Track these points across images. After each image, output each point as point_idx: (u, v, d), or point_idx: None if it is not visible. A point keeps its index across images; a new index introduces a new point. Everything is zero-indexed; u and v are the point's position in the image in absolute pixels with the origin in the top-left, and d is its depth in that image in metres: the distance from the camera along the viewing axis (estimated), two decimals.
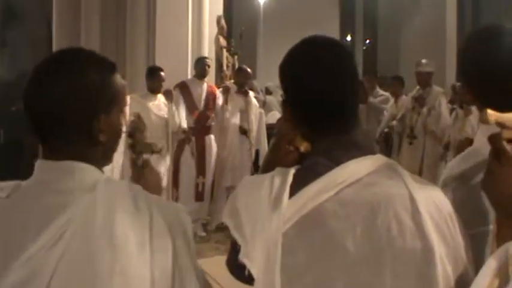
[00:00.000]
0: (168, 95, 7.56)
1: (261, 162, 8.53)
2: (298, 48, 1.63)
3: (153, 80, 7.54)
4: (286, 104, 1.64)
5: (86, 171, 1.47)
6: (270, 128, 9.24)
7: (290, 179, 1.46)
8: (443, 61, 14.73)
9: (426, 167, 7.76)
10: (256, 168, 8.41)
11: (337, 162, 1.46)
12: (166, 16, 9.05)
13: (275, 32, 20.97)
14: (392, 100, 8.99)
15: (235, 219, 1.49)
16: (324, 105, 1.54)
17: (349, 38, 26.37)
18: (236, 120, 8.32)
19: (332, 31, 24.85)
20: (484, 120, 1.41)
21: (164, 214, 1.46)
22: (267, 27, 20.35)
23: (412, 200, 1.40)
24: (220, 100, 8.16)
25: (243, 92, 8.37)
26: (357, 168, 1.45)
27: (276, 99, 14.10)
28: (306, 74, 1.55)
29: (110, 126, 1.51)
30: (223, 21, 9.97)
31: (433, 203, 1.43)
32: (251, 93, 8.64)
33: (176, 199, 7.66)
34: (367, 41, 26.72)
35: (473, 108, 7.25)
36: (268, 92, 14.56)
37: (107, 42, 9.45)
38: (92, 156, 1.50)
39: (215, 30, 9.93)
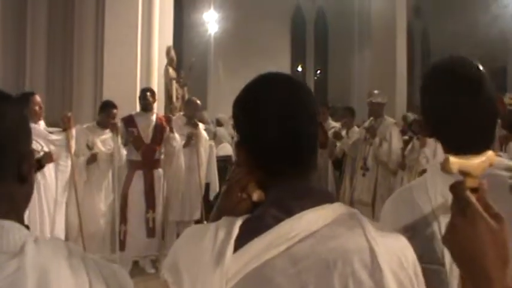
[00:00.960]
0: (113, 128, 7.31)
1: (211, 196, 8.45)
2: (252, 85, 1.50)
3: (105, 115, 7.35)
4: (239, 146, 1.50)
5: (10, 231, 1.27)
6: (220, 160, 9.09)
7: (236, 230, 1.30)
8: (393, 92, 14.90)
9: (379, 197, 7.70)
10: (206, 202, 8.22)
11: (289, 212, 1.31)
12: (114, 46, 8.88)
13: (226, 63, 21.01)
14: (343, 131, 8.95)
15: (174, 274, 1.33)
16: (279, 146, 1.40)
17: (299, 68, 26.54)
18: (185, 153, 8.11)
19: (283, 62, 25.07)
20: (446, 168, 1.25)
21: (104, 278, 1.31)
22: (218, 58, 20.35)
23: (373, 254, 1.26)
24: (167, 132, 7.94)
25: (192, 124, 8.18)
26: (313, 219, 1.30)
27: (227, 131, 14.01)
28: (260, 112, 1.42)
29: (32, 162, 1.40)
30: (173, 52, 9.82)
31: (396, 257, 1.30)
32: (201, 125, 8.47)
33: (124, 235, 7.39)
34: (318, 72, 26.95)
35: (429, 139, 7.28)
36: (219, 123, 14.45)
37: (53, 72, 9.22)
38: (17, 201, 1.35)
39: (164, 61, 9.78)
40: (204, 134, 8.52)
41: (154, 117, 7.80)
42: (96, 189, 7.42)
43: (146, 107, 7.75)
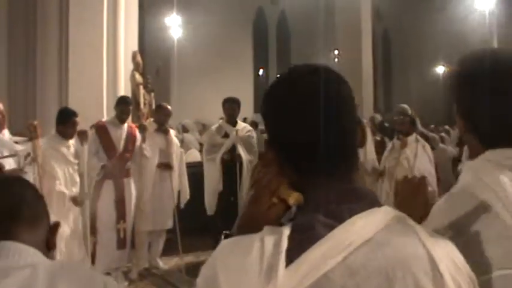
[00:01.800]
0: (82, 136, 6.99)
1: (182, 204, 8.24)
2: (287, 77, 1.36)
3: (66, 125, 6.81)
4: (269, 145, 1.35)
5: (24, 252, 1.55)
6: (189, 166, 8.88)
7: (285, 241, 1.15)
8: (360, 94, 14.93)
9: None
10: (179, 211, 8.01)
11: (339, 218, 1.17)
12: (79, 51, 8.65)
13: (189, 67, 20.80)
14: None
15: None
16: (319, 144, 1.26)
17: (261, 72, 26.52)
18: (156, 160, 7.88)
19: (246, 65, 25.01)
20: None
21: None
22: (181, 63, 20.11)
23: (432, 261, 1.15)
24: (139, 141, 7.69)
25: (163, 130, 7.96)
26: (365, 225, 1.17)
27: (193, 137, 13.84)
28: (299, 106, 1.28)
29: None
30: (139, 57, 9.59)
31: (453, 262, 1.20)
32: (172, 132, 8.26)
33: (94, 246, 7.13)
34: (278, 76, 26.89)
35: (410, 139, 7.21)
36: (184, 129, 14.29)
37: (15, 79, 8.91)
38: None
39: (130, 66, 9.54)
40: (176, 140, 8.31)
41: (125, 126, 7.57)
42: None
43: (124, 120, 7.52)
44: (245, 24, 24.95)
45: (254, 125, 13.75)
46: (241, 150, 8.10)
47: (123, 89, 9.19)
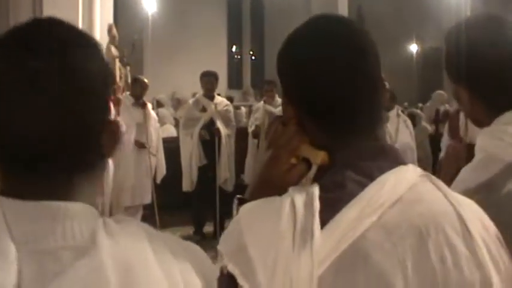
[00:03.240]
0: None
1: (158, 179, 8.18)
2: (311, 28, 1.26)
3: None
4: (287, 102, 1.27)
5: (77, 217, 0.95)
6: (165, 141, 8.81)
7: (317, 202, 1.08)
8: None
9: None
10: (155, 187, 7.95)
11: (369, 176, 1.12)
12: None
13: (163, 42, 20.59)
14: None
15: (242, 263, 1.07)
16: (347, 99, 1.19)
17: (234, 48, 26.41)
18: (132, 135, 7.77)
19: (220, 41, 24.87)
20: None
21: (198, 270, 1.04)
22: (155, 38, 19.88)
23: (461, 218, 1.12)
24: (113, 115, 7.57)
25: (140, 104, 7.86)
26: (397, 183, 1.12)
27: (168, 112, 13.72)
28: (322, 53, 1.20)
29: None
30: (114, 30, 9.42)
31: (480, 221, 1.17)
32: (149, 105, 8.16)
33: None
34: (251, 52, 26.91)
35: (392, 114, 7.20)
36: (159, 104, 14.15)
37: None
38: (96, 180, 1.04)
39: (106, 39, 9.37)
40: (153, 114, 8.23)
41: None
42: None
43: None
44: (219, 1, 24.76)
45: (229, 100, 13.68)
46: (219, 125, 8.05)
47: None
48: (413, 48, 26.42)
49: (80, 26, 8.25)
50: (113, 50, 9.40)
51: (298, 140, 1.23)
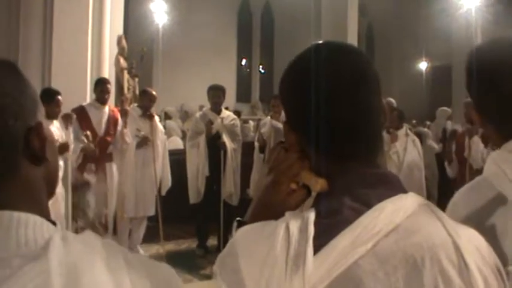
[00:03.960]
0: (66, 119, 6.88)
1: (164, 191, 8.17)
2: (313, 55, 1.26)
3: (50, 105, 6.65)
4: (289, 127, 1.28)
5: (28, 226, 0.96)
6: (171, 154, 8.81)
7: (312, 227, 1.09)
8: None
9: None
10: (160, 199, 7.94)
11: (366, 203, 1.12)
12: (64, 34, 8.48)
13: (173, 54, 20.67)
14: None
15: (235, 284, 1.10)
16: (345, 122, 1.20)
17: (244, 62, 26.46)
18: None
19: (229, 54, 24.93)
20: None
21: (152, 282, 1.02)
22: (165, 50, 19.97)
23: (458, 249, 1.12)
24: (120, 125, 7.58)
25: (147, 116, 7.86)
26: (394, 211, 1.12)
27: (176, 124, 13.75)
28: (321, 81, 1.20)
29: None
30: (124, 41, 9.49)
31: (478, 252, 1.16)
32: (156, 118, 8.17)
33: (76, 232, 7.01)
34: (261, 66, 26.97)
35: (400, 133, 7.17)
36: (167, 116, 14.21)
37: None
38: (36, 188, 1.06)
39: (115, 50, 9.43)
40: (160, 126, 8.24)
41: (107, 109, 7.47)
42: None
43: (105, 100, 7.43)
44: (230, 13, 24.87)
45: (237, 114, 13.70)
46: (225, 139, 8.05)
47: (107, 73, 9.06)
48: (423, 65, 26.40)
49: (90, 37, 8.35)
50: (122, 61, 9.47)
51: (299, 166, 1.24)
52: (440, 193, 9.03)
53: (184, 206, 8.24)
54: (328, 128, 1.20)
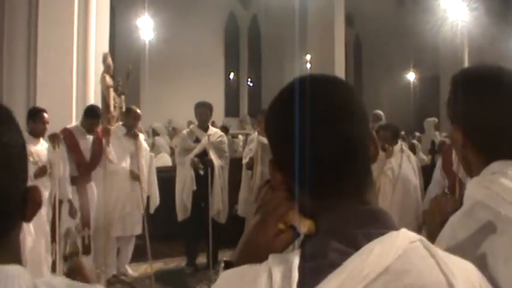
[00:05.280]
0: (54, 139, 6.80)
1: (152, 209, 8.10)
2: (291, 88, 1.22)
3: (36, 122, 6.77)
4: (275, 166, 1.23)
5: (16, 278, 1.02)
6: (160, 171, 8.75)
7: (295, 273, 1.04)
8: None
9: None
10: (148, 217, 7.87)
11: (354, 244, 1.07)
12: (48, 51, 8.41)
13: (160, 70, 20.63)
14: None
15: None
16: (332, 162, 1.15)
17: (232, 76, 26.50)
18: (126, 165, 7.73)
19: (217, 69, 24.93)
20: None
21: None
22: (152, 66, 19.93)
23: None
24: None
25: (132, 134, 7.81)
26: (383, 252, 1.06)
27: (164, 140, 13.70)
28: (305, 117, 1.15)
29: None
30: (109, 59, 9.43)
31: (473, 286, 1.13)
32: (141, 136, 8.11)
33: (55, 254, 6.90)
34: (249, 80, 26.99)
35: (395, 149, 7.12)
36: (155, 133, 14.15)
37: None
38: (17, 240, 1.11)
39: (101, 68, 9.36)
40: (145, 144, 8.18)
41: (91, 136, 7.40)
42: None
43: (93, 131, 7.35)
44: (217, 28, 24.88)
45: (225, 129, 13.67)
46: (212, 156, 8.01)
47: (93, 91, 9.00)
48: (411, 76, 26.50)
49: (75, 55, 8.28)
50: (108, 79, 9.42)
51: (287, 207, 1.19)
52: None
53: (173, 224, 8.18)
54: (311, 166, 1.15)
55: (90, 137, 7.35)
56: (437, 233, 1.60)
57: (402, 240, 1.10)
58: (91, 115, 7.43)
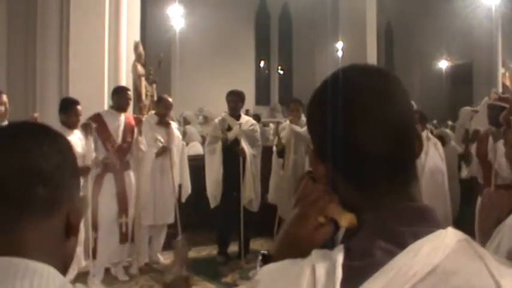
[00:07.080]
0: (86, 128, 6.84)
1: (184, 198, 8.11)
2: (335, 82, 1.17)
3: (69, 114, 6.75)
4: (317, 158, 1.18)
5: (41, 274, 1.00)
6: (191, 159, 8.75)
7: (339, 271, 1.00)
8: None
9: None
10: (180, 206, 7.88)
11: (401, 243, 1.01)
12: (80, 41, 8.46)
13: (191, 59, 20.64)
14: None
15: None
16: (379, 156, 1.10)
17: (262, 64, 26.43)
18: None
19: (248, 57, 24.88)
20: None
21: None
22: (183, 55, 19.95)
23: None
24: (136, 133, 7.52)
25: (164, 123, 7.81)
26: (431, 251, 1.00)
27: (195, 128, 13.69)
28: (353, 107, 1.11)
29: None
30: (141, 48, 9.43)
31: None
32: (173, 124, 8.10)
33: (95, 241, 6.98)
34: (279, 68, 26.90)
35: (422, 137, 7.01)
36: (186, 121, 14.15)
37: (15, 68, 8.73)
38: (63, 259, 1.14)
39: (132, 57, 9.38)
40: (177, 133, 8.17)
41: (123, 117, 7.40)
42: None
43: (125, 107, 7.39)
44: (247, 16, 24.81)
45: (256, 117, 13.63)
46: (244, 145, 7.96)
47: (125, 80, 9.04)
48: (443, 64, 26.14)
49: (106, 43, 8.32)
50: (139, 68, 9.43)
51: (327, 200, 1.16)
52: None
53: (205, 213, 8.17)
54: (355, 158, 1.11)
55: (121, 120, 7.36)
56: (493, 229, 1.52)
57: (450, 239, 1.05)
58: (118, 90, 7.52)
